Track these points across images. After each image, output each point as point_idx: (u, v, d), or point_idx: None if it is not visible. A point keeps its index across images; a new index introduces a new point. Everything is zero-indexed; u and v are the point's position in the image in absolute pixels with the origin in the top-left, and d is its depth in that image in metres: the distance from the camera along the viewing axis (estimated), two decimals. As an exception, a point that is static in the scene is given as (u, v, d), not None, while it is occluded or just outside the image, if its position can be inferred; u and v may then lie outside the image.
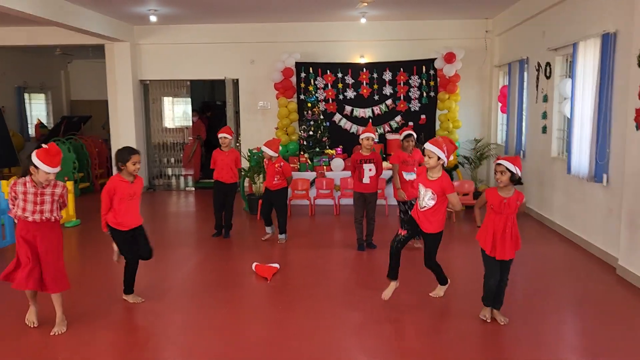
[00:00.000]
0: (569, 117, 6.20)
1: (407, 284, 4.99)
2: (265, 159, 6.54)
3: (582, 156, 5.92)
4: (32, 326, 4.04)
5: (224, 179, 6.61)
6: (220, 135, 6.62)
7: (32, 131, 14.00)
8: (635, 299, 4.61)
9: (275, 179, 6.35)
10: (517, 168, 3.93)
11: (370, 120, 9.54)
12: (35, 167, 3.72)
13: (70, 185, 7.70)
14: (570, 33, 6.34)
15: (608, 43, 5.29)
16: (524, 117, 8.15)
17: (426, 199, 4.25)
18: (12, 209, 3.87)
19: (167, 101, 11.50)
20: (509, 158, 4.01)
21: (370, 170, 5.93)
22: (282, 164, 6.40)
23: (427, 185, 4.24)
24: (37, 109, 14.59)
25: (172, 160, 11.71)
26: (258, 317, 4.32)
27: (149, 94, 10.95)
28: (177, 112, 12.07)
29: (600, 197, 5.67)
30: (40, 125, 14.03)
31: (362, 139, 6.01)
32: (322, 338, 3.89)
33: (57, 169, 3.76)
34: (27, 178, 3.81)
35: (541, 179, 7.42)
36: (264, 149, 6.36)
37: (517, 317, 4.18)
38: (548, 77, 7.14)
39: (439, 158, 4.13)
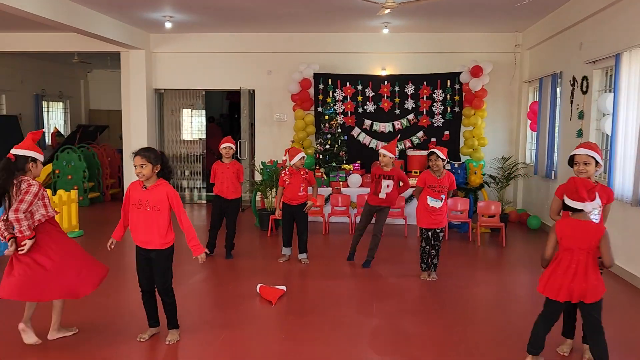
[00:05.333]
0: (610, 135, 5.65)
1: (426, 315, 4.49)
2: (284, 170, 6.04)
3: (625, 178, 5.35)
4: None
5: (225, 194, 6.10)
6: (224, 146, 6.11)
7: (48, 139, 13.91)
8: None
9: (301, 189, 5.92)
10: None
11: (399, 136, 9.03)
12: None
13: (74, 194, 7.39)
14: (612, 44, 5.82)
15: (658, 53, 4.76)
16: (556, 135, 7.60)
17: (591, 216, 3.43)
18: None
19: (185, 113, 11.23)
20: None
21: (388, 186, 5.69)
22: (307, 171, 6.01)
23: None
24: (55, 117, 14.56)
25: (187, 172, 11.38)
26: (258, 344, 3.85)
27: (164, 103, 10.71)
28: (195, 124, 11.79)
29: (646, 222, 5.08)
30: (56, 134, 13.95)
31: (380, 154, 5.72)
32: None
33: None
34: None
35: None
36: (304, 155, 5.96)
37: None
38: (584, 92, 6.60)
39: (597, 163, 3.50)
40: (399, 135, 9.08)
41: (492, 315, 4.59)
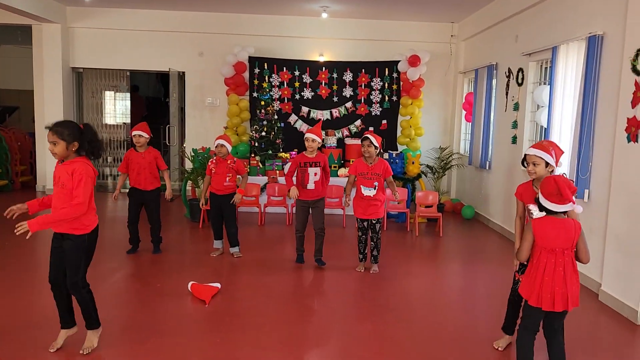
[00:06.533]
0: (546, 127, 5.73)
1: (369, 311, 4.31)
2: (212, 159, 5.64)
3: (559, 169, 5.44)
4: None
5: (144, 185, 5.53)
6: (135, 133, 5.49)
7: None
8: (620, 327, 4.11)
9: (227, 178, 5.51)
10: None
11: (321, 120, 8.84)
12: None
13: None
14: (548, 37, 5.90)
15: (595, 46, 4.83)
16: (491, 126, 7.71)
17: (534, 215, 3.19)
18: None
19: (108, 95, 10.37)
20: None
21: (315, 174, 5.23)
22: (234, 160, 5.59)
23: None
24: (-43, 96, 13.01)
25: (110, 159, 10.55)
26: (191, 351, 3.47)
27: (83, 83, 9.82)
28: (119, 107, 10.95)
29: (580, 214, 5.19)
30: (-43, 115, 12.48)
31: (305, 139, 5.24)
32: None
33: None
34: None
35: (509, 193, 6.94)
36: (222, 142, 5.48)
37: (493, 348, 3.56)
38: (520, 84, 6.70)
39: (547, 164, 3.28)
40: (321, 120, 8.86)
41: (431, 308, 4.48)
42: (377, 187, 5.11)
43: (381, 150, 5.32)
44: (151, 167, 5.56)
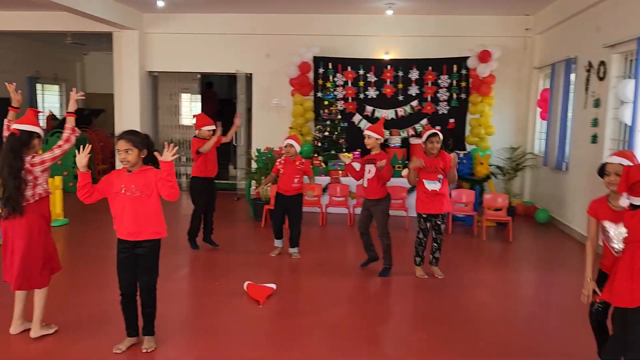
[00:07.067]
0: (630, 124, 5.23)
1: (427, 320, 4.13)
2: (279, 159, 5.65)
3: None
4: None
5: (212, 174, 5.81)
6: (208, 128, 5.71)
7: (43, 122, 13.56)
8: None
9: (295, 180, 5.49)
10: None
11: (383, 118, 8.58)
12: None
13: (58, 180, 7.05)
14: (634, 26, 5.37)
15: (687, 34, 4.32)
16: (568, 124, 7.17)
17: (621, 239, 2.84)
18: None
19: (184, 97, 10.83)
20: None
21: (369, 172, 4.96)
22: (303, 161, 5.57)
23: (619, 220, 2.81)
24: (51, 100, 14.19)
25: (184, 158, 11.01)
26: (241, 351, 3.49)
27: (158, 86, 10.31)
28: (194, 109, 11.42)
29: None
30: (51, 117, 13.59)
31: (364, 135, 5.08)
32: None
33: None
34: None
35: (588, 196, 6.40)
36: (291, 142, 5.50)
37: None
38: (601, 79, 6.16)
39: None
40: (386, 116, 8.64)
41: (497, 320, 4.21)
42: (441, 180, 4.90)
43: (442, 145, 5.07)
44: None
